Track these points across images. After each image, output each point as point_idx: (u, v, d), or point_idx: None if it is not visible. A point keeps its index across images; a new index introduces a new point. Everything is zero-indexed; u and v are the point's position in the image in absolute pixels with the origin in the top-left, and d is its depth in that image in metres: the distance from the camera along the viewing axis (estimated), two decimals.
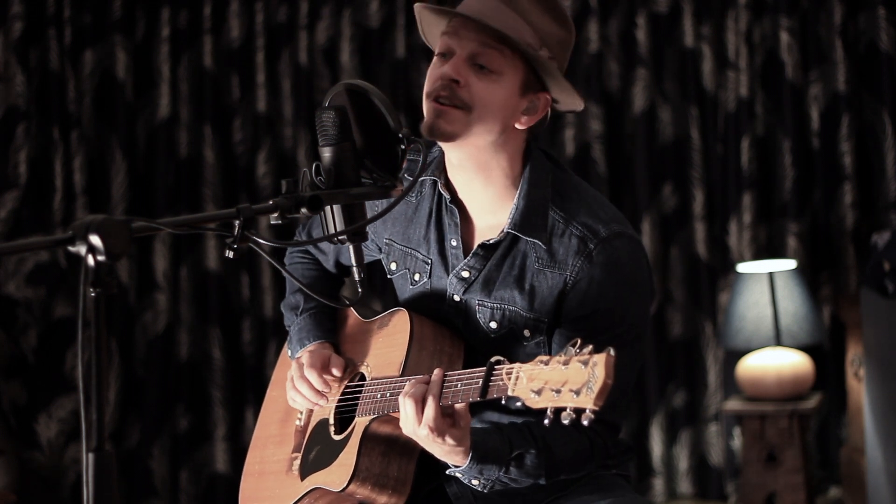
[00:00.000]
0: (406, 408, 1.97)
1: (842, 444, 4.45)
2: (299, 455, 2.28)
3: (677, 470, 4.61)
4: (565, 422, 1.74)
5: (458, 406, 1.95)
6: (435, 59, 2.11)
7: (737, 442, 4.52)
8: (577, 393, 1.74)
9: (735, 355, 4.36)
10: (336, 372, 2.25)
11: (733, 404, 4.26)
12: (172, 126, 4.72)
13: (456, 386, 1.96)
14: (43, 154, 4.62)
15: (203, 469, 4.72)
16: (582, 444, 2.09)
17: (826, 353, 4.47)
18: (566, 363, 1.78)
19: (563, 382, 1.77)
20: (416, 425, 1.96)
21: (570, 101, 2.15)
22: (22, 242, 1.59)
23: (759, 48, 4.52)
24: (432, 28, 2.15)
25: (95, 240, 1.49)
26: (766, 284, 4.19)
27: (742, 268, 4.32)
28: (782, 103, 4.51)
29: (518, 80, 2.08)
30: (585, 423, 1.73)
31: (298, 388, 2.26)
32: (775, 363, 4.18)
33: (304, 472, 2.24)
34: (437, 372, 1.99)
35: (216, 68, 4.74)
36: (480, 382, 1.91)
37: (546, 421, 1.77)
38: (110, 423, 4.62)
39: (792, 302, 4.18)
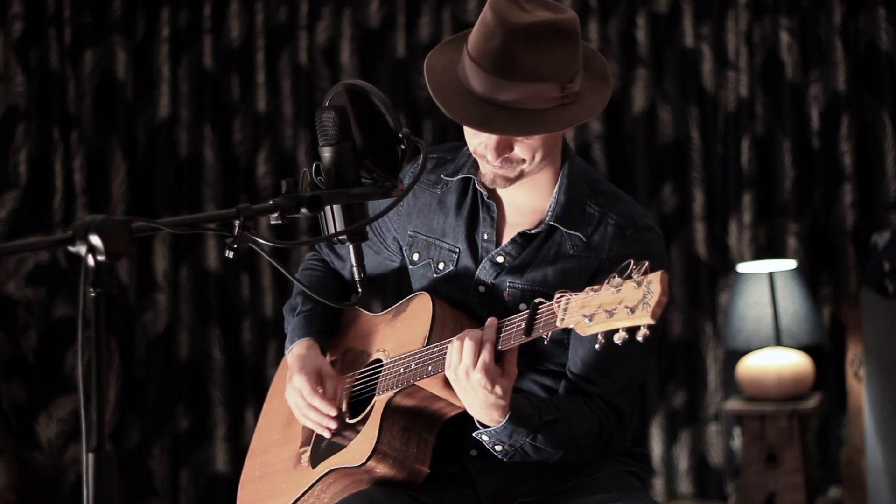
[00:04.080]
0: (465, 348, 1.98)
1: (842, 444, 4.45)
2: (308, 448, 2.28)
3: (677, 470, 4.61)
4: (618, 342, 1.75)
5: (507, 355, 1.98)
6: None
7: (737, 442, 4.52)
8: (633, 310, 1.74)
9: (735, 355, 4.36)
10: (333, 393, 2.25)
11: (733, 404, 4.26)
12: (172, 126, 4.72)
13: (500, 333, 2.00)
14: (43, 154, 4.62)
15: (203, 469, 4.72)
16: (593, 424, 2.13)
17: (826, 353, 4.47)
18: (618, 287, 1.78)
19: (618, 302, 1.77)
20: (470, 367, 1.97)
21: (599, 78, 2.16)
22: (22, 242, 1.59)
23: (759, 48, 4.52)
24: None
25: (95, 240, 1.48)
26: (766, 284, 4.19)
27: (742, 268, 4.32)
28: (782, 103, 4.51)
29: None
30: (640, 339, 1.73)
31: (308, 416, 2.25)
32: (775, 363, 4.18)
33: (317, 460, 2.24)
34: (491, 319, 2.02)
35: (216, 68, 4.73)
36: (525, 323, 1.94)
37: (597, 345, 1.78)
38: (110, 423, 4.62)
39: (792, 302, 4.18)
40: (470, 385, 1.99)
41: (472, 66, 2.06)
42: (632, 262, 1.80)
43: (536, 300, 1.95)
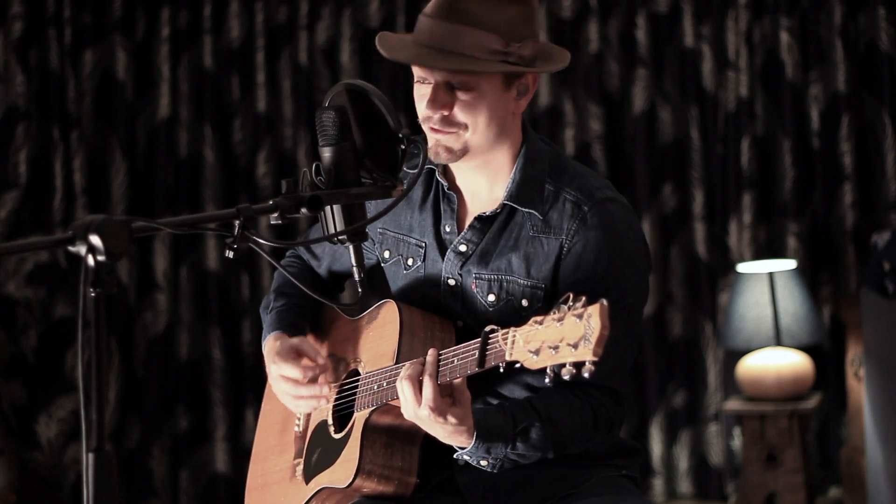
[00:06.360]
0: (404, 390, 1.98)
1: (842, 444, 4.45)
2: (301, 460, 2.28)
3: (677, 470, 4.61)
4: (566, 377, 1.75)
5: (456, 382, 1.97)
6: (416, 82, 2.12)
7: (737, 442, 4.52)
8: (575, 347, 1.75)
9: (735, 355, 4.36)
10: (316, 354, 2.24)
11: (733, 404, 4.26)
12: (172, 126, 4.72)
13: (452, 362, 1.97)
14: (43, 154, 4.62)
15: (203, 469, 4.72)
16: (585, 414, 2.10)
17: (826, 353, 4.47)
18: (561, 319, 1.78)
19: (560, 339, 1.77)
20: (415, 407, 1.97)
21: (557, 62, 2.15)
22: (22, 242, 1.59)
23: (759, 48, 4.52)
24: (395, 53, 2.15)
25: (95, 240, 1.48)
26: (766, 284, 4.19)
27: (742, 268, 4.32)
28: (782, 103, 4.51)
29: (499, 81, 2.09)
30: (586, 375, 1.74)
31: (287, 390, 2.23)
32: (775, 363, 4.18)
33: (308, 475, 2.24)
34: (431, 352, 2.00)
35: (216, 68, 4.73)
36: (477, 353, 1.93)
37: (546, 380, 1.79)
38: (110, 423, 4.62)
39: (792, 302, 4.18)
40: (422, 421, 1.99)
41: (420, 20, 2.09)
42: (571, 295, 1.79)
43: (487, 328, 1.93)
